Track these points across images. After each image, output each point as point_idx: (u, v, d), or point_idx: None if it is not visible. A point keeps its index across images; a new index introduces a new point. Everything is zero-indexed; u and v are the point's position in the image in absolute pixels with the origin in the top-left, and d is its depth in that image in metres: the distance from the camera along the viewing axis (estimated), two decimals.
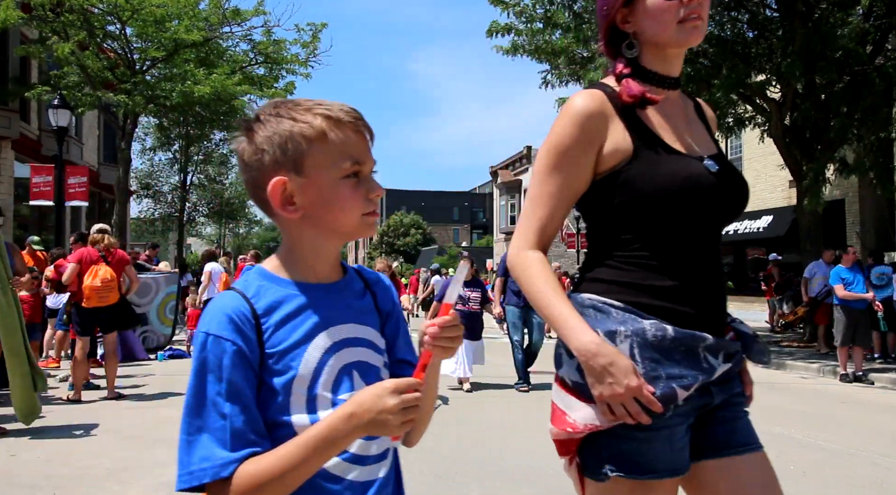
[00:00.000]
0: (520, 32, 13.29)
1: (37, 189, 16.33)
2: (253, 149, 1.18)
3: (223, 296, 1.18)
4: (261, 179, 1.18)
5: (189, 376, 1.11)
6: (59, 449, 5.22)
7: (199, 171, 34.42)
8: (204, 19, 18.29)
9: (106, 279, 7.34)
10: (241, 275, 15.75)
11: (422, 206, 74.62)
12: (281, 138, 1.15)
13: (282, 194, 1.17)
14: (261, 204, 1.23)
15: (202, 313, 1.16)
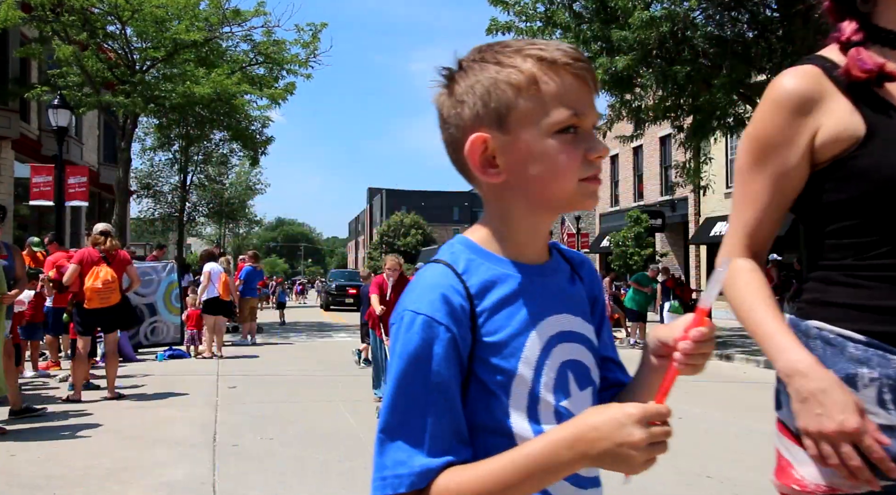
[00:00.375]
0: (520, 31, 13.28)
1: (37, 189, 16.34)
2: (452, 102, 1.01)
3: (432, 269, 0.99)
4: (459, 138, 1.00)
5: (390, 361, 0.96)
6: (59, 449, 5.22)
7: (199, 171, 34.45)
8: (204, 19, 18.30)
9: (107, 280, 7.31)
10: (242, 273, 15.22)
11: (422, 206, 74.62)
12: (483, 88, 0.97)
13: (481, 154, 0.98)
14: (460, 167, 1.05)
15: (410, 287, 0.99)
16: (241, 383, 8.73)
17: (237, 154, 31.05)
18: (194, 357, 11.67)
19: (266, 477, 4.57)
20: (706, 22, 13.32)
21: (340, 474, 4.67)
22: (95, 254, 7.47)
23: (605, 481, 1.07)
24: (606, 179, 31.99)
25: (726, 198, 22.58)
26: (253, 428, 6.05)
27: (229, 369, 10.08)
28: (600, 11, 12.58)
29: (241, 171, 38.75)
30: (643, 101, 14.66)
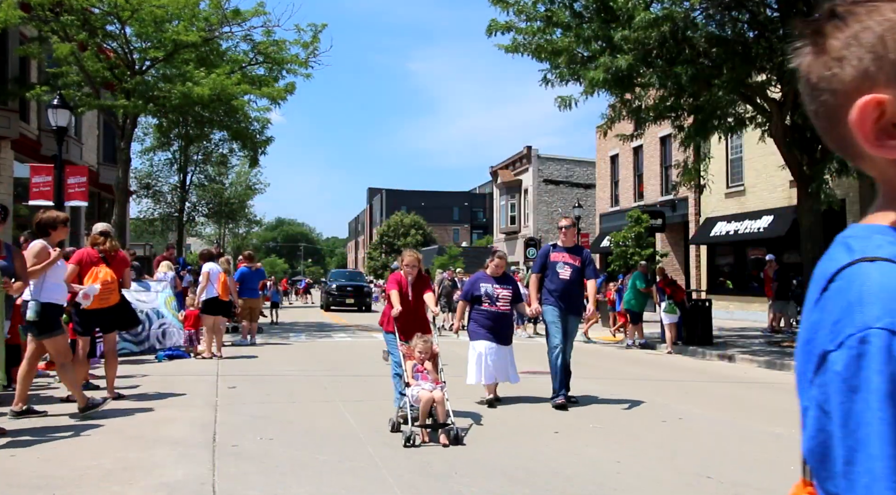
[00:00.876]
0: (520, 31, 13.27)
1: (36, 189, 16.32)
2: (825, 61, 0.81)
3: (882, 270, 0.74)
4: (839, 105, 0.80)
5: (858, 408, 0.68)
6: (59, 449, 5.21)
7: (198, 171, 34.46)
8: (204, 19, 18.29)
9: (106, 281, 7.26)
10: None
11: (422, 206, 74.63)
12: (875, 35, 0.76)
13: (876, 122, 0.77)
14: (838, 143, 0.84)
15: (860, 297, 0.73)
16: (241, 383, 8.72)
17: (237, 154, 31.05)
18: (193, 357, 11.66)
19: (266, 477, 4.57)
20: (706, 22, 13.31)
21: (340, 474, 4.67)
22: (94, 255, 7.42)
23: (605, 480, 1.07)
24: (606, 179, 31.99)
25: (726, 198, 22.58)
26: (253, 428, 6.04)
27: (229, 369, 10.07)
28: (601, 11, 12.57)
29: (241, 171, 38.76)
30: (643, 100, 14.66)
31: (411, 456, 5.17)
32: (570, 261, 7.67)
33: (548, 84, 13.50)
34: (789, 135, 13.47)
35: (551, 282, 7.65)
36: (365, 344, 14.89)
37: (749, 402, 7.89)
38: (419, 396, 5.75)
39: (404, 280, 6.70)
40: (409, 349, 6.21)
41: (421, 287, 6.75)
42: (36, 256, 6.33)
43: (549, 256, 7.80)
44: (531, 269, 8.54)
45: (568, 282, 7.61)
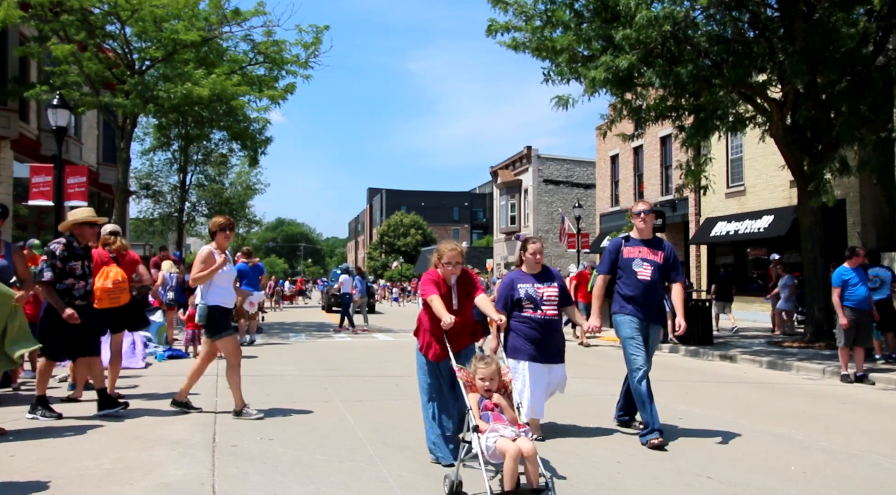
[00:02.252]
0: (519, 29, 13.27)
1: (36, 189, 16.33)
2: None
3: None
4: None
5: None
6: (59, 449, 5.21)
7: (198, 171, 34.45)
8: (204, 19, 18.28)
9: (117, 281, 7.33)
10: None
11: (422, 206, 74.68)
12: None
13: None
14: None
15: None
16: (241, 383, 8.70)
17: (237, 154, 31.04)
18: (194, 357, 11.65)
19: (266, 477, 4.56)
20: (707, 21, 13.31)
21: (340, 474, 4.66)
22: (105, 255, 7.51)
23: (605, 480, 1.06)
24: (606, 179, 31.98)
25: (727, 198, 22.58)
26: (253, 428, 6.04)
27: None
28: (601, 10, 12.57)
29: (241, 171, 38.77)
30: (644, 100, 14.66)
31: (412, 456, 5.16)
32: (650, 258, 6.07)
33: (549, 81, 13.49)
34: (789, 134, 13.47)
35: (626, 286, 6.05)
36: (365, 343, 14.89)
37: (750, 402, 7.88)
38: (499, 449, 3.97)
39: (441, 280, 5.05)
40: (469, 375, 4.57)
41: (467, 288, 5.12)
42: (203, 261, 6.46)
43: (621, 252, 6.15)
44: (597, 269, 6.69)
45: (649, 285, 6.00)
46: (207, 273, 6.44)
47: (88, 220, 6.62)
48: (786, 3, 12.54)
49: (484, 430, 4.12)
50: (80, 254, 6.55)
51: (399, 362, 11.45)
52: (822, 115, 13.04)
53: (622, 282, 6.12)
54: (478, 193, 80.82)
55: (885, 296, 10.78)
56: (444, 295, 4.99)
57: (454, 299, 5.05)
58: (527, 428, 4.21)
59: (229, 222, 6.81)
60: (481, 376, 4.44)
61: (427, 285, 5.03)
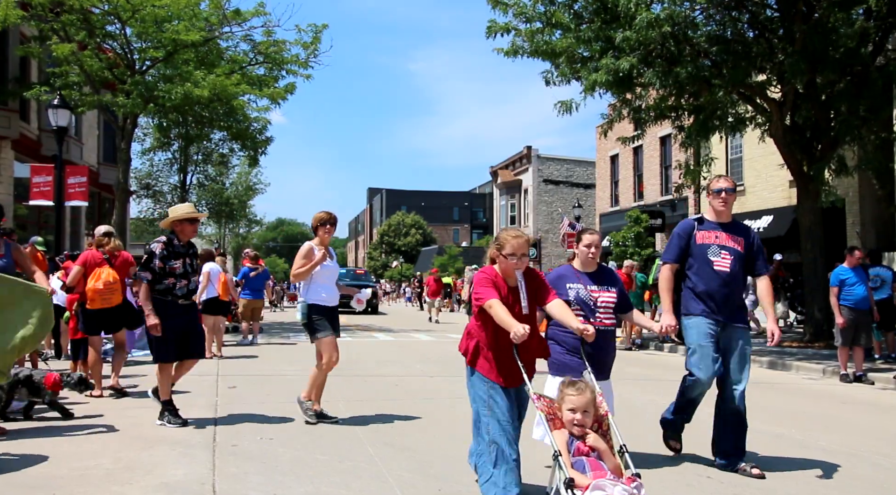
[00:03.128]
0: (519, 32, 13.27)
1: (36, 189, 16.35)
2: None
3: None
4: None
5: None
6: (59, 449, 5.21)
7: (198, 171, 34.46)
8: (204, 19, 18.30)
9: (109, 282, 7.45)
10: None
11: (422, 206, 74.65)
12: None
13: None
14: None
15: None
16: (241, 383, 8.72)
17: (237, 154, 31.05)
18: None
19: (266, 477, 4.57)
20: (707, 22, 13.33)
21: (340, 474, 4.67)
22: (98, 256, 7.60)
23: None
24: (606, 179, 31.99)
25: None
26: (253, 428, 6.05)
27: (229, 369, 10.07)
28: (601, 11, 12.57)
29: (242, 171, 38.80)
30: (644, 100, 14.67)
31: (412, 456, 5.17)
32: (730, 245, 4.99)
33: (549, 84, 13.51)
34: (789, 134, 13.48)
35: (700, 279, 4.98)
36: (365, 344, 14.90)
37: (749, 402, 7.87)
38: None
39: (500, 277, 4.02)
40: (552, 405, 3.69)
41: (537, 288, 4.10)
42: (304, 257, 6.23)
43: (693, 237, 5.08)
44: (662, 258, 5.42)
45: (728, 278, 4.93)
46: (307, 269, 6.18)
47: (189, 217, 6.30)
48: (785, 3, 12.55)
49: (582, 487, 3.12)
50: (182, 253, 6.25)
51: (399, 362, 11.46)
52: (821, 115, 13.05)
53: (693, 273, 5.02)
54: (478, 193, 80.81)
55: (885, 295, 10.78)
56: (505, 297, 3.90)
57: (523, 302, 3.97)
58: (639, 484, 3.22)
59: (331, 217, 6.50)
60: (571, 406, 3.51)
61: (483, 286, 3.91)
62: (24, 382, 6.19)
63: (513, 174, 42.91)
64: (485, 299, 3.81)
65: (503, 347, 3.84)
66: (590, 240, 4.77)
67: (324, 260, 6.29)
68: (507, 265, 3.94)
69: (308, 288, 6.29)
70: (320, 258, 6.26)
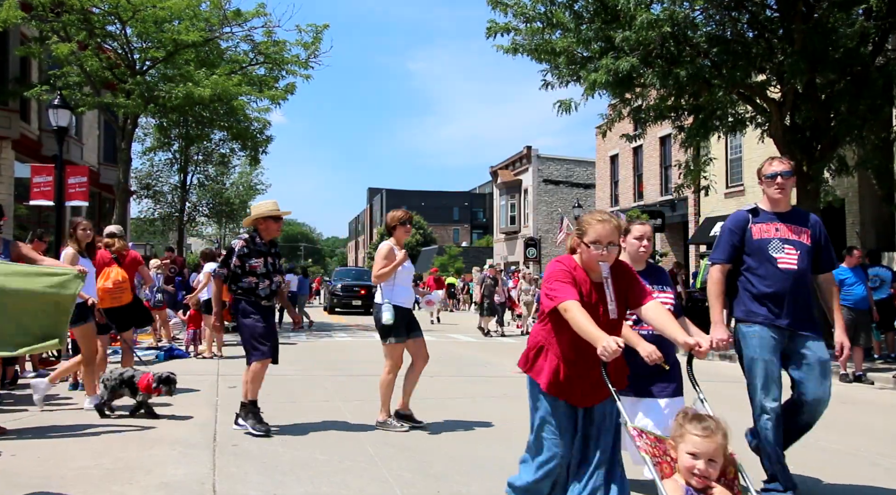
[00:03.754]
0: (519, 32, 13.27)
1: (37, 189, 16.36)
2: None
3: None
4: None
5: None
6: (59, 449, 5.22)
7: (199, 171, 34.46)
8: (204, 20, 18.31)
9: (118, 281, 7.58)
10: None
11: (422, 206, 74.61)
12: None
13: None
14: None
15: None
16: (241, 383, 8.71)
17: (237, 154, 31.06)
18: (194, 357, 11.67)
19: (266, 477, 4.57)
20: (706, 22, 13.33)
21: (340, 474, 4.67)
22: (107, 256, 7.73)
23: None
24: (606, 179, 31.99)
25: (726, 198, 22.59)
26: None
27: (229, 369, 10.07)
28: (601, 12, 12.58)
29: (244, 171, 38.80)
30: (644, 100, 14.68)
31: (412, 456, 5.17)
32: (794, 239, 4.22)
33: (548, 86, 13.52)
34: (789, 135, 13.48)
35: (760, 280, 4.23)
36: (365, 344, 14.89)
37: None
38: None
39: (580, 270, 3.21)
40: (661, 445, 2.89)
41: (626, 288, 3.27)
42: (385, 257, 6.08)
43: (748, 231, 4.29)
44: (710, 257, 4.52)
45: (795, 277, 4.18)
46: (390, 269, 6.03)
47: (273, 214, 6.08)
48: (785, 3, 12.55)
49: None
50: (264, 251, 6.03)
51: None
52: (821, 116, 13.05)
53: (751, 273, 4.27)
54: (478, 193, 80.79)
55: (884, 295, 10.79)
56: (586, 296, 3.10)
57: (610, 304, 3.14)
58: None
59: (409, 216, 6.35)
60: (694, 450, 2.68)
61: (558, 281, 3.09)
62: (126, 382, 6.26)
63: (513, 174, 42.91)
64: (559, 299, 2.99)
65: (581, 362, 3.09)
66: (641, 231, 4.09)
67: (405, 260, 6.16)
68: (590, 256, 3.15)
69: (392, 289, 6.11)
70: (402, 258, 6.12)
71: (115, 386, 6.24)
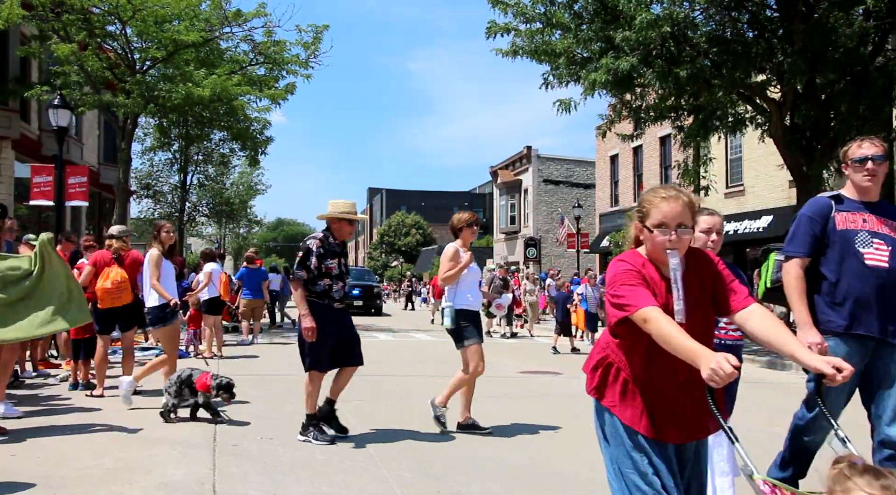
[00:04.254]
0: (519, 33, 13.28)
1: (37, 189, 16.36)
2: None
3: None
4: None
5: None
6: (59, 449, 5.22)
7: (199, 171, 34.47)
8: (205, 20, 18.32)
9: (117, 281, 7.54)
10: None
11: (422, 206, 74.62)
12: None
13: None
14: None
15: None
16: (241, 383, 8.69)
17: (237, 154, 31.07)
18: (194, 357, 11.67)
19: (266, 477, 4.57)
20: (706, 22, 13.34)
21: (340, 473, 4.67)
22: (108, 256, 7.74)
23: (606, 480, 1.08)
24: (606, 179, 32.00)
25: (726, 198, 22.59)
26: (253, 428, 6.05)
27: (229, 369, 10.05)
28: (600, 12, 12.59)
29: (244, 171, 38.81)
30: (643, 100, 14.69)
31: (412, 456, 5.17)
32: (884, 232, 3.63)
33: (548, 86, 13.53)
34: (789, 135, 13.49)
35: (844, 278, 3.62)
36: (365, 344, 14.90)
37: (749, 402, 7.89)
38: None
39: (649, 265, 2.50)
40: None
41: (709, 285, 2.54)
42: (451, 259, 5.98)
43: (832, 220, 3.70)
44: (785, 250, 3.89)
45: (887, 277, 3.55)
46: (456, 271, 5.91)
47: (348, 217, 5.93)
48: (785, 3, 12.56)
49: None
50: (337, 252, 5.83)
51: (399, 363, 11.47)
52: (821, 116, 13.06)
53: (833, 271, 3.64)
54: (478, 193, 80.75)
55: None
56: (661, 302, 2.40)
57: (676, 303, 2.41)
58: None
59: (477, 218, 6.26)
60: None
61: (626, 287, 2.39)
62: (185, 382, 6.26)
63: (513, 174, 42.91)
64: (635, 307, 2.32)
65: (670, 388, 2.45)
66: (710, 222, 3.47)
67: (471, 262, 6.05)
68: (655, 244, 2.43)
69: (455, 292, 5.99)
70: (468, 260, 6.00)
71: (178, 391, 6.21)
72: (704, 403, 2.37)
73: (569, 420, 6.65)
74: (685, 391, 2.43)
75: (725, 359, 2.09)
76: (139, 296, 8.00)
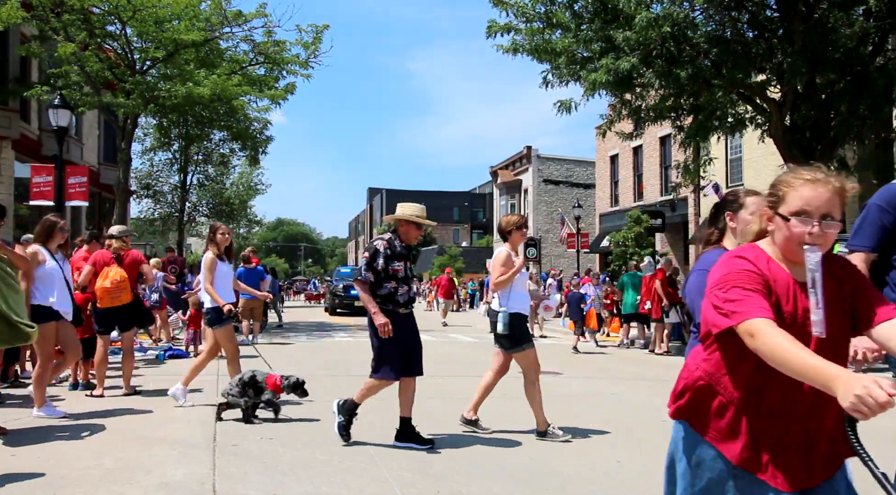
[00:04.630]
0: (519, 31, 13.29)
1: (37, 189, 16.35)
2: None
3: None
4: None
5: None
6: (59, 449, 5.22)
7: (199, 171, 34.46)
8: (205, 20, 18.32)
9: (116, 280, 7.55)
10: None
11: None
12: None
13: None
14: None
15: None
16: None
17: (237, 154, 31.07)
18: (194, 357, 11.65)
19: (266, 477, 4.57)
20: (706, 22, 13.34)
21: (340, 474, 4.67)
22: (107, 255, 7.77)
23: (605, 480, 1.07)
24: (606, 179, 32.00)
25: None
26: (253, 428, 6.05)
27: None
28: (601, 12, 12.59)
29: (244, 171, 38.79)
30: (644, 100, 14.69)
31: (412, 455, 5.17)
32: None
33: (548, 85, 13.53)
34: (788, 135, 13.49)
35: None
36: (366, 344, 14.91)
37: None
38: None
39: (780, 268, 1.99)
40: None
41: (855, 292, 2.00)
42: (503, 264, 5.89)
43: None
44: (849, 243, 3.37)
45: None
46: (509, 276, 5.84)
47: (416, 221, 5.76)
48: (785, 3, 12.56)
49: None
50: (403, 255, 5.66)
51: None
52: (821, 116, 13.06)
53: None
54: (478, 193, 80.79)
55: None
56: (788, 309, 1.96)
57: (814, 314, 1.92)
58: None
59: (524, 219, 6.16)
60: None
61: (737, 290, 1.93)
62: (249, 383, 6.26)
63: (513, 174, 42.92)
64: (741, 316, 1.86)
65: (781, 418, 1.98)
66: (757, 204, 2.80)
67: (523, 266, 6.01)
68: (791, 236, 1.96)
69: (509, 296, 5.89)
70: (521, 264, 5.94)
71: (241, 391, 6.19)
72: (834, 438, 1.93)
73: (569, 420, 6.64)
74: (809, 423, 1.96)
75: (876, 384, 1.58)
76: (139, 295, 8.03)
